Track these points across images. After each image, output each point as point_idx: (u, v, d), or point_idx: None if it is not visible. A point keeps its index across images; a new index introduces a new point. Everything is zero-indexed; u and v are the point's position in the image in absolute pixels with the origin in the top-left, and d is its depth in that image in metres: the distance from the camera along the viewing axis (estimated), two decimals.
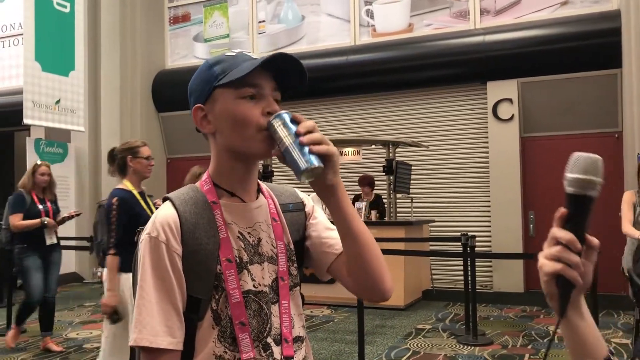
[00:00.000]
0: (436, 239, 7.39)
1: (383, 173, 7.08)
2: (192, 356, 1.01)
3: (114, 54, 9.24)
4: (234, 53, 1.06)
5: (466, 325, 5.24)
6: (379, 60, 7.93)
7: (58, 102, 7.80)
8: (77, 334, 5.54)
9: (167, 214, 1.01)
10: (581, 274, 0.74)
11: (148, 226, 1.02)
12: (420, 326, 5.66)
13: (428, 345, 4.94)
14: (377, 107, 8.25)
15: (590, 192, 0.73)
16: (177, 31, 9.89)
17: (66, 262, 5.23)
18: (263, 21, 9.17)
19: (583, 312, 0.78)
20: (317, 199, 1.07)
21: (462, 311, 5.61)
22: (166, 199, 1.06)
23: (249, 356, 1.00)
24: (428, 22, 8.05)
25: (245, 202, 1.08)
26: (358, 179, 7.27)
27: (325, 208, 1.09)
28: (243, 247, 1.04)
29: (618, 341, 4.95)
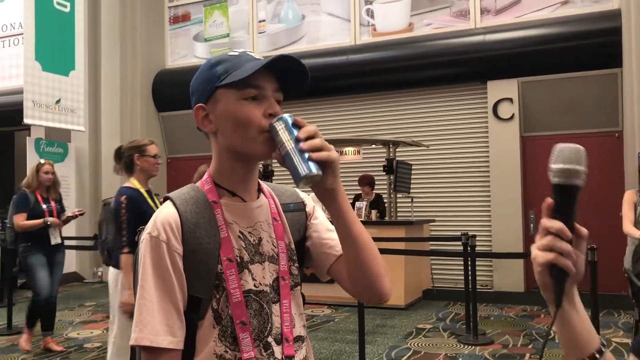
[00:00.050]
0: (436, 239, 7.40)
1: (383, 173, 7.08)
2: (193, 355, 1.01)
3: (114, 54, 9.25)
4: (237, 53, 1.06)
5: (467, 324, 5.24)
6: (379, 59, 7.92)
7: (58, 102, 7.80)
8: (78, 334, 5.54)
9: (168, 214, 1.01)
10: (573, 263, 0.75)
11: (149, 225, 1.02)
12: (420, 326, 5.66)
13: (428, 344, 4.94)
14: (378, 107, 8.24)
15: (575, 181, 0.74)
16: (177, 31, 9.89)
17: (67, 262, 5.22)
18: (263, 21, 9.17)
19: (576, 304, 0.79)
20: (317, 199, 1.07)
21: (463, 311, 5.61)
22: (167, 199, 1.06)
23: (250, 355, 1.00)
24: (428, 22, 8.05)
25: (246, 202, 1.08)
26: (358, 179, 7.26)
27: (325, 208, 1.09)
28: (244, 247, 1.04)
29: (619, 340, 4.95)
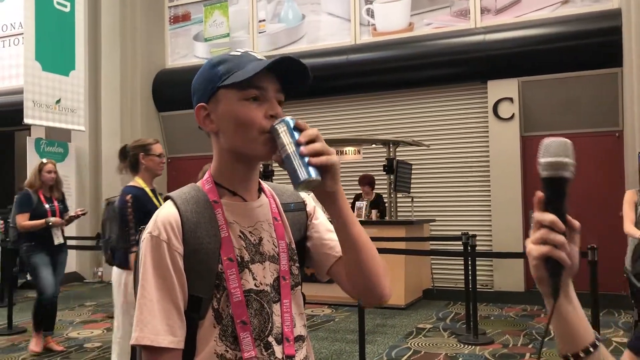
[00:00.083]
0: (437, 238, 7.39)
1: (383, 172, 7.08)
2: (194, 355, 1.01)
3: (114, 54, 9.25)
4: (239, 53, 1.05)
5: (467, 324, 5.24)
6: (379, 59, 7.92)
7: (58, 102, 7.81)
8: (78, 334, 5.54)
9: (169, 213, 1.02)
10: (568, 255, 0.76)
11: (149, 225, 1.02)
12: (421, 325, 5.66)
13: (429, 344, 4.94)
14: (378, 107, 8.24)
15: (564, 174, 0.76)
16: (177, 30, 9.89)
17: (67, 262, 5.21)
18: (263, 20, 9.17)
19: (571, 297, 0.79)
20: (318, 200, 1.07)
21: (463, 310, 5.61)
22: (167, 198, 1.06)
23: (251, 355, 1.00)
24: (428, 21, 8.05)
25: (246, 202, 1.08)
26: (358, 179, 7.26)
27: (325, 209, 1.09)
28: (244, 246, 1.04)
29: (619, 340, 4.95)
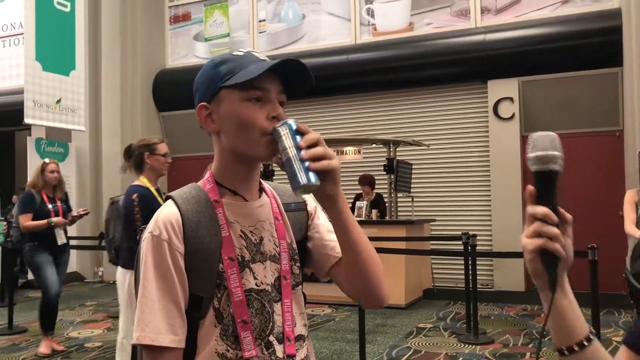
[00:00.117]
0: (437, 238, 7.39)
1: (384, 172, 7.08)
2: (195, 354, 1.01)
3: (115, 54, 9.25)
4: (242, 53, 1.05)
5: (467, 324, 5.24)
6: (380, 59, 7.92)
7: (59, 102, 7.81)
8: (79, 333, 5.54)
9: (170, 213, 1.02)
10: (562, 247, 0.76)
11: (150, 224, 1.02)
12: (421, 325, 5.67)
13: (429, 344, 4.95)
14: (378, 106, 8.24)
15: (553, 166, 0.77)
16: (178, 30, 9.89)
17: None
18: (263, 20, 9.17)
19: (566, 290, 0.80)
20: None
21: (463, 310, 5.61)
22: (168, 198, 1.06)
23: (251, 354, 1.00)
24: (428, 21, 8.05)
25: (247, 201, 1.08)
26: (358, 179, 7.26)
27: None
28: (245, 246, 1.04)
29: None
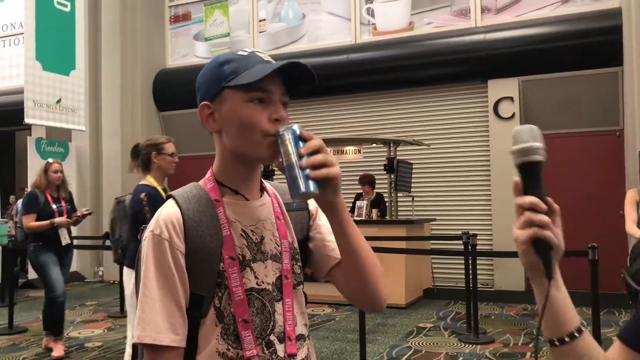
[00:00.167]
0: (437, 238, 7.39)
1: (384, 172, 7.08)
2: (195, 353, 1.01)
3: (115, 53, 9.25)
4: (246, 53, 1.04)
5: (467, 323, 5.24)
6: (380, 58, 7.92)
7: (59, 102, 7.81)
8: (79, 333, 5.54)
9: (170, 212, 1.02)
10: (554, 235, 0.77)
11: (151, 224, 1.03)
12: (421, 325, 5.67)
13: (429, 343, 4.95)
14: (378, 106, 8.24)
15: (535, 157, 0.78)
16: (178, 30, 9.89)
17: None
18: (263, 20, 9.17)
19: (558, 282, 0.80)
20: None
21: (464, 309, 5.60)
22: (169, 197, 1.06)
23: (252, 353, 1.00)
24: (429, 21, 8.05)
25: (248, 200, 1.08)
26: (359, 178, 7.26)
27: None
28: (246, 245, 1.04)
29: None
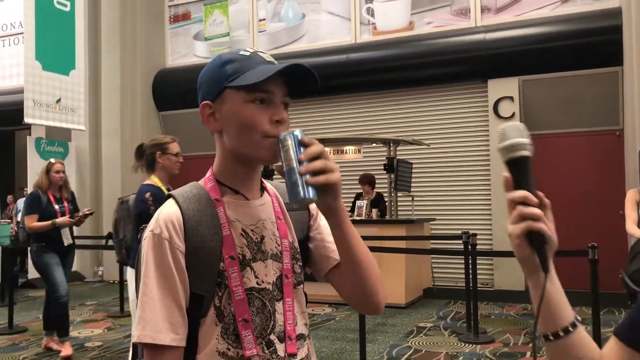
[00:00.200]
0: (437, 237, 7.39)
1: (384, 171, 7.08)
2: (196, 353, 1.01)
3: (115, 53, 9.25)
4: (249, 53, 1.04)
5: (467, 323, 5.24)
6: (380, 58, 7.92)
7: (59, 101, 7.81)
8: (79, 333, 5.54)
9: (170, 211, 1.02)
10: (547, 228, 0.77)
11: (151, 223, 1.02)
12: (421, 324, 5.67)
13: (429, 343, 4.95)
14: (378, 106, 8.24)
15: (522, 153, 0.79)
16: (178, 30, 9.89)
17: None
18: (263, 19, 9.17)
19: (552, 276, 0.80)
20: None
21: (464, 309, 5.61)
22: (169, 196, 1.06)
23: (252, 353, 1.00)
24: (429, 20, 8.04)
25: (248, 200, 1.08)
26: (359, 178, 7.27)
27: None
28: (246, 244, 1.04)
29: None
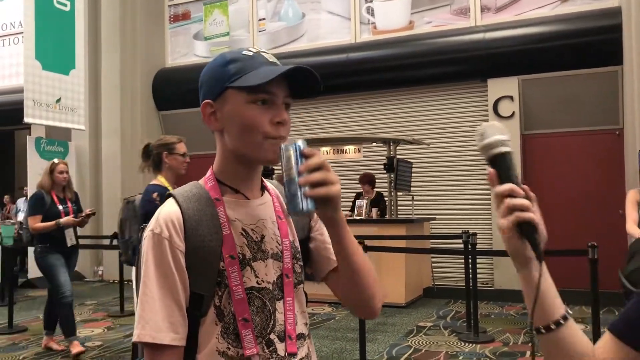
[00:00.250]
0: (437, 237, 7.39)
1: (384, 171, 7.08)
2: (196, 352, 1.01)
3: (114, 53, 9.25)
4: (251, 53, 1.04)
5: (467, 322, 5.24)
6: (380, 57, 7.92)
7: (58, 101, 7.80)
8: (79, 333, 5.51)
9: (170, 211, 1.02)
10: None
11: (151, 223, 1.02)
12: (421, 324, 5.67)
13: (429, 342, 4.95)
14: (378, 105, 8.24)
15: (502, 149, 0.81)
16: (177, 29, 9.88)
17: None
18: (263, 19, 9.16)
19: (543, 271, 0.81)
20: None
21: (463, 309, 5.61)
22: (169, 196, 1.06)
23: (252, 352, 1.00)
24: (428, 20, 8.04)
25: (248, 199, 1.08)
26: (359, 177, 7.27)
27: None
28: (246, 244, 1.04)
29: None
